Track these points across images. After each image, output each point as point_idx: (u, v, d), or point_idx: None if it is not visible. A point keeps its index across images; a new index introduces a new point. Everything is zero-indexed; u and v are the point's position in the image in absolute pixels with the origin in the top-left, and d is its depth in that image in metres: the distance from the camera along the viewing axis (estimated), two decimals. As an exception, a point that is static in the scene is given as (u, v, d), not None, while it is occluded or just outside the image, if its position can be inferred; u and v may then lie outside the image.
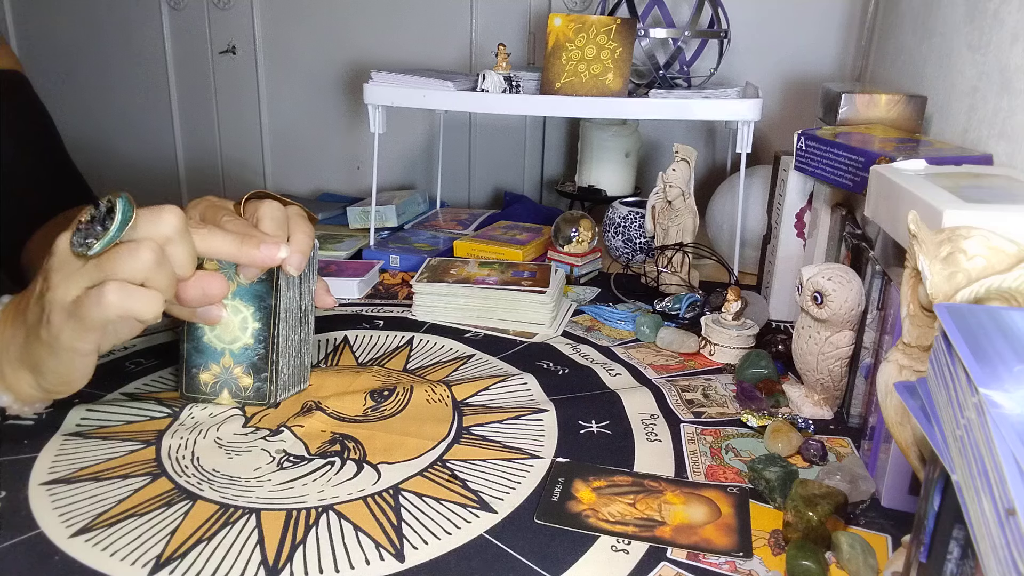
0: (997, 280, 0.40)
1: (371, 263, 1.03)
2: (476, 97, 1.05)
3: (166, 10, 1.56)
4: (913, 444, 0.46)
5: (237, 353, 0.66)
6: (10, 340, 0.57)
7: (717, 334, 0.81)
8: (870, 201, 0.64)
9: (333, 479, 0.58)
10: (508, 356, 0.80)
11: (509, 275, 0.91)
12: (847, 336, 0.66)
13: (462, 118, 1.49)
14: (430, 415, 0.67)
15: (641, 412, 0.69)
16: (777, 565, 0.50)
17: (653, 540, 0.52)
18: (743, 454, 0.63)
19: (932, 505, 0.37)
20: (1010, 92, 0.69)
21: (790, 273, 0.90)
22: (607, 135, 1.23)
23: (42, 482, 0.56)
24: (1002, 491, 0.28)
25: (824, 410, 0.69)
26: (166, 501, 0.55)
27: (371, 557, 0.50)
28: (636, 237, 1.06)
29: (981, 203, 0.51)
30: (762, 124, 1.01)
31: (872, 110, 0.84)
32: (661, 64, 1.11)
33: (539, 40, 1.39)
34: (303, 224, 0.64)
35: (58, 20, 1.63)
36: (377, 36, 1.49)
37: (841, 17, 1.29)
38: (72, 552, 0.49)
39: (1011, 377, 0.31)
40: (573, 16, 1.03)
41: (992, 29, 0.74)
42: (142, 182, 1.68)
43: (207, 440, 0.62)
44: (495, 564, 0.49)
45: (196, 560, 0.49)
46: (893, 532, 0.53)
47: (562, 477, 0.59)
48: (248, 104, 1.59)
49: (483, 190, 1.54)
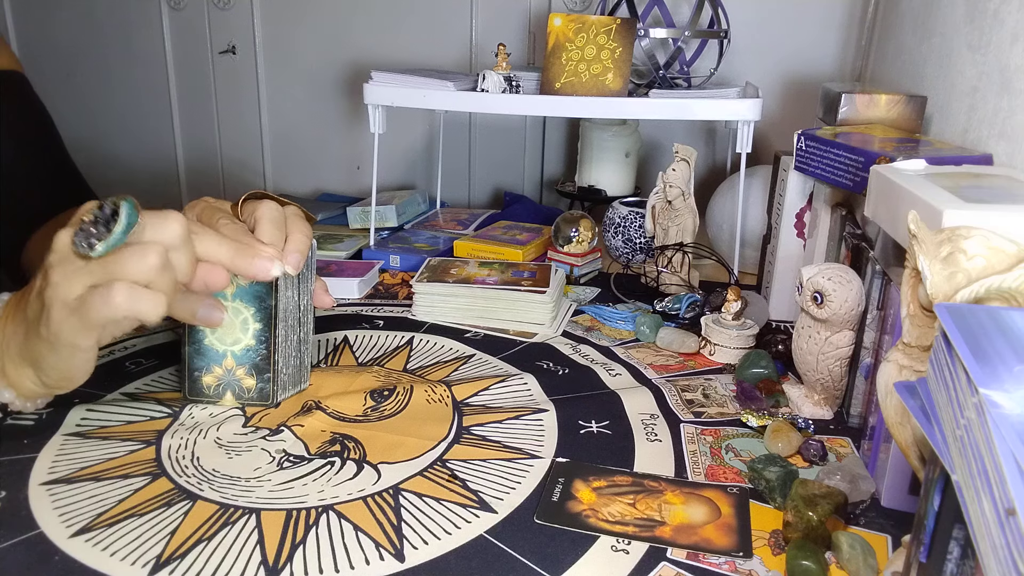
0: (997, 280, 0.40)
1: (371, 263, 1.03)
2: (476, 97, 1.05)
3: (166, 10, 1.56)
4: (913, 444, 0.46)
5: (239, 354, 0.66)
6: (11, 336, 0.57)
7: (717, 334, 0.81)
8: (870, 201, 0.64)
9: (333, 479, 0.58)
10: (508, 356, 0.80)
11: (509, 275, 0.91)
12: (847, 336, 0.66)
13: (462, 118, 1.49)
14: (430, 415, 0.67)
15: (641, 412, 0.69)
16: (777, 565, 0.50)
17: (653, 540, 0.52)
18: (743, 454, 0.63)
19: (932, 505, 0.37)
20: (1010, 92, 0.69)
21: (790, 273, 0.90)
22: (607, 135, 1.23)
23: (42, 482, 0.56)
24: (1002, 491, 0.28)
25: (824, 410, 0.69)
26: (166, 501, 0.55)
27: (371, 557, 0.50)
28: (636, 237, 1.06)
29: (981, 203, 0.51)
30: (762, 124, 1.01)
31: (872, 110, 0.84)
32: (661, 64, 1.11)
33: (539, 40, 1.39)
34: (301, 224, 0.64)
35: (58, 20, 1.63)
36: (377, 36, 1.49)
37: (841, 17, 1.29)
38: (72, 552, 0.49)
39: (1011, 377, 0.31)
40: (573, 16, 1.03)
41: (992, 29, 0.74)
42: (142, 182, 1.68)
43: (207, 440, 0.62)
44: (495, 564, 0.49)
45: (196, 560, 0.49)
46: (893, 532, 0.53)
47: (562, 477, 0.59)
48: (248, 104, 1.59)
49: (483, 190, 1.54)
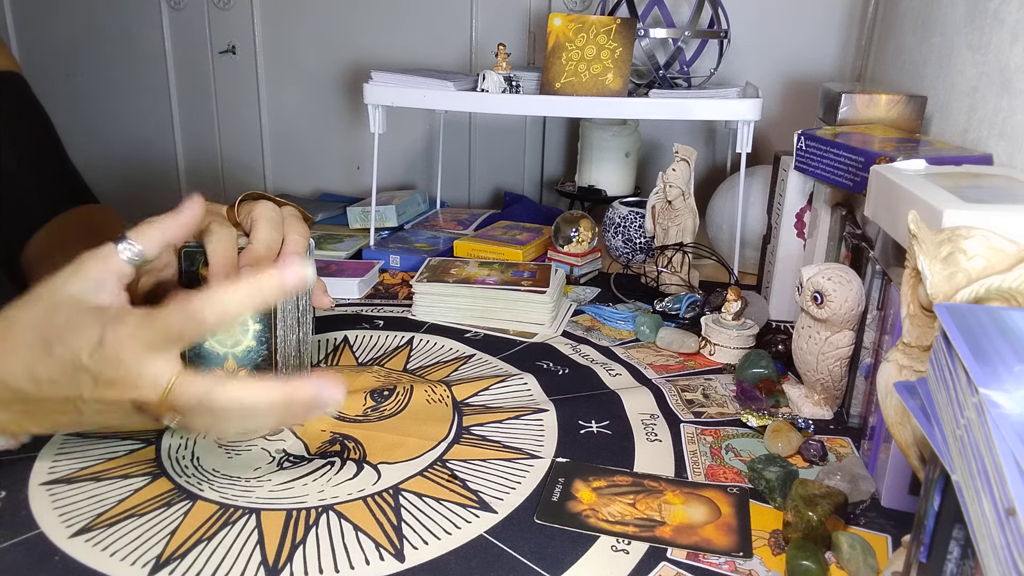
0: (997, 280, 0.40)
1: (371, 263, 1.03)
2: (476, 97, 1.05)
3: (166, 10, 1.56)
4: (913, 444, 0.46)
5: (240, 356, 0.66)
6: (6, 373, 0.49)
7: (717, 334, 0.81)
8: (870, 201, 0.64)
9: (333, 479, 0.58)
10: (508, 356, 0.80)
11: (509, 275, 0.91)
12: (847, 336, 0.66)
13: (462, 118, 1.49)
14: (430, 415, 0.67)
15: (641, 412, 0.69)
16: (777, 565, 0.50)
17: (653, 540, 0.52)
18: (743, 454, 0.63)
19: (932, 505, 0.37)
20: (1010, 92, 0.69)
21: (790, 273, 0.90)
22: (607, 135, 1.23)
23: (42, 482, 0.56)
24: (1002, 491, 0.28)
25: (824, 410, 0.69)
26: (166, 501, 0.55)
27: (371, 557, 0.50)
28: (636, 237, 1.06)
29: (981, 203, 0.51)
30: (762, 124, 1.01)
31: (872, 110, 0.84)
32: (661, 64, 1.11)
33: (539, 40, 1.39)
34: (298, 225, 0.64)
35: (58, 20, 1.63)
36: (377, 36, 1.48)
37: (841, 17, 1.29)
38: (72, 552, 0.49)
39: (1011, 377, 0.31)
40: (573, 16, 1.03)
41: (992, 29, 0.74)
42: (142, 182, 1.68)
43: (207, 440, 0.62)
44: (495, 564, 0.49)
45: (196, 560, 0.49)
46: (893, 532, 0.53)
47: (562, 477, 0.59)
48: (248, 104, 1.59)
49: (483, 190, 1.54)
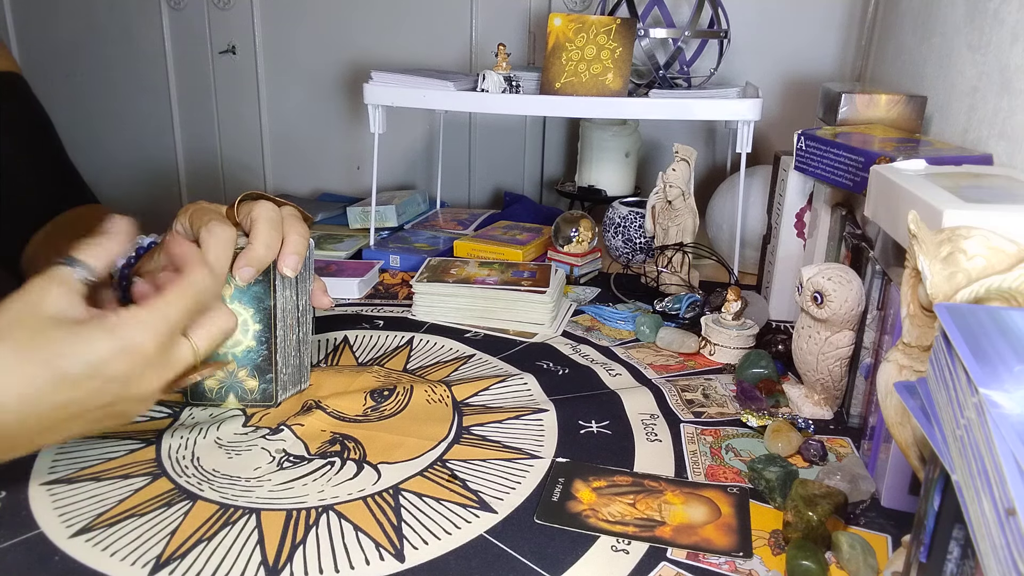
0: (997, 280, 0.40)
1: (371, 263, 1.03)
2: (476, 97, 1.04)
3: (166, 10, 1.56)
4: (913, 444, 0.46)
5: (240, 356, 0.66)
6: None
7: (717, 334, 0.81)
8: (870, 201, 0.64)
9: (333, 479, 0.58)
10: (508, 356, 0.80)
11: (509, 275, 0.91)
12: (847, 336, 0.66)
13: (462, 118, 1.49)
14: (430, 415, 0.67)
15: (641, 412, 0.69)
16: (777, 565, 0.50)
17: (653, 540, 0.52)
18: (743, 454, 0.63)
19: (932, 505, 0.37)
20: (1010, 92, 0.69)
21: (790, 273, 0.90)
22: (607, 135, 1.23)
23: (42, 482, 0.56)
24: (1002, 491, 0.28)
25: (824, 410, 0.69)
26: (166, 501, 0.55)
27: (371, 557, 0.50)
28: (636, 237, 1.06)
29: (981, 203, 0.51)
30: (762, 124, 1.01)
31: (872, 110, 0.84)
32: (661, 64, 1.11)
33: (539, 40, 1.39)
34: (298, 225, 0.64)
35: (58, 20, 1.63)
36: (377, 36, 1.48)
37: (841, 17, 1.29)
38: (72, 552, 0.49)
39: (1011, 377, 0.31)
40: (573, 16, 1.03)
41: (992, 29, 0.74)
42: (142, 182, 1.68)
43: (207, 440, 0.62)
44: (495, 564, 0.49)
45: (196, 560, 0.49)
46: (893, 532, 0.53)
47: (562, 477, 0.59)
48: (248, 104, 1.59)
49: (483, 190, 1.54)
